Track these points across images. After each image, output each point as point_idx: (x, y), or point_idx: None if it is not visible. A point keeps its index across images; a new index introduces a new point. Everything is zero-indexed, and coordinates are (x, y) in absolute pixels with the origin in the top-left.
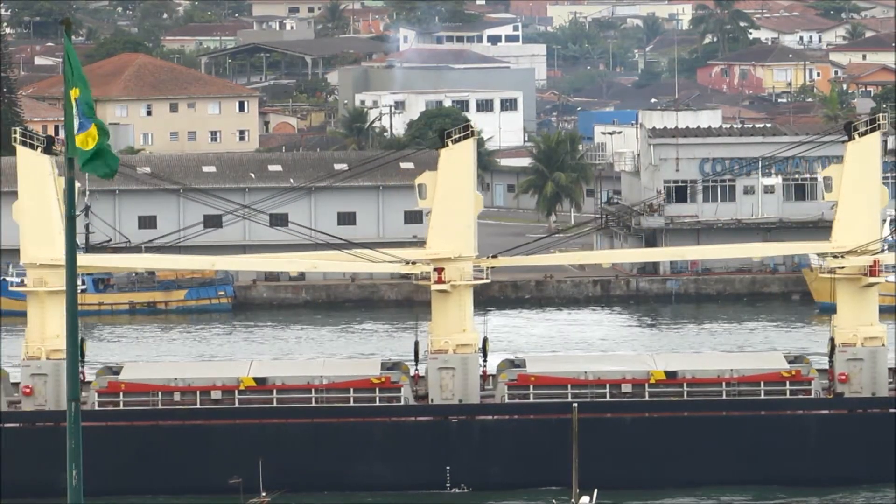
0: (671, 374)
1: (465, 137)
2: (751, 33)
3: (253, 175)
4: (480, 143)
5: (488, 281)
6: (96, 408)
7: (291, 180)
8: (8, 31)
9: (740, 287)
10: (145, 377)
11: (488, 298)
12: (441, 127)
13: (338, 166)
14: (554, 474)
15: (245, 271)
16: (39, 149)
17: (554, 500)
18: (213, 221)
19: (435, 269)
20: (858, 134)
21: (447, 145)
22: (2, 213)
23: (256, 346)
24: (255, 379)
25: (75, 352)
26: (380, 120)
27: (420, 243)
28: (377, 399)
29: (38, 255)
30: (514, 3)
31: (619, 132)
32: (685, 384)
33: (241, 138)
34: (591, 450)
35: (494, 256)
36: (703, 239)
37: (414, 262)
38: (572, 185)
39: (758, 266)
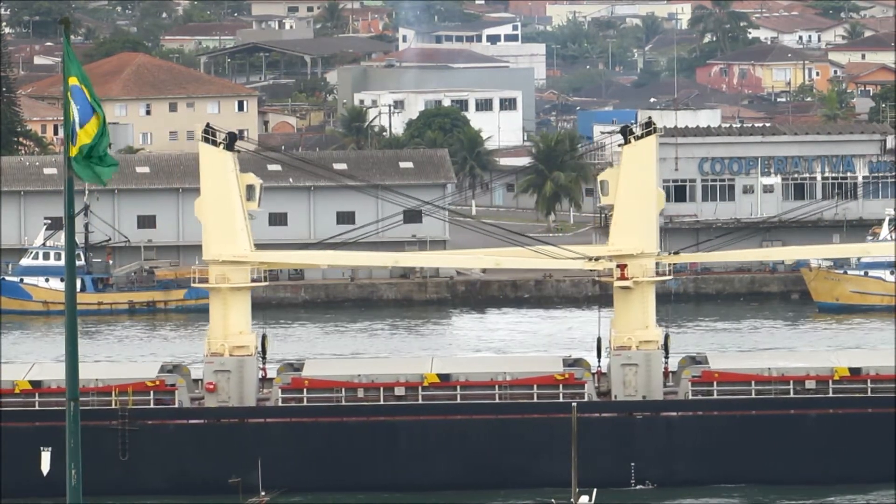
0: (855, 371)
1: (648, 134)
2: (750, 33)
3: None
4: (479, 142)
5: (671, 278)
6: (280, 404)
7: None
8: (7, 30)
9: (739, 286)
10: (328, 374)
11: (488, 298)
12: (624, 126)
13: (337, 166)
14: (739, 471)
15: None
16: (221, 145)
17: (553, 500)
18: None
19: (618, 266)
20: None
21: (630, 142)
22: (1, 213)
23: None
24: (439, 375)
25: (75, 351)
26: (379, 119)
27: (418, 243)
28: (560, 395)
29: (222, 251)
30: (513, 2)
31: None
32: (869, 380)
33: (240, 138)
34: (774, 447)
35: (676, 253)
36: (703, 239)
37: (597, 259)
38: (571, 185)
39: (757, 265)
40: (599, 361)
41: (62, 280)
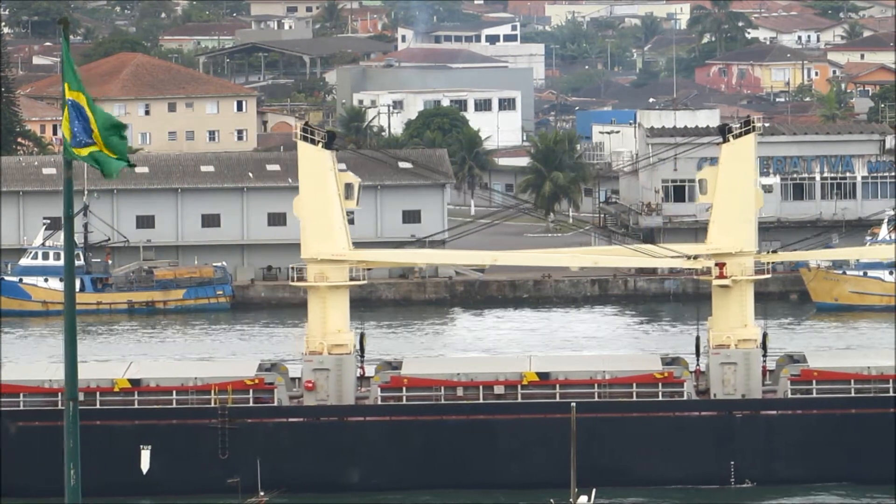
0: None
1: (747, 132)
2: (748, 33)
3: (251, 175)
4: (478, 142)
5: (769, 276)
6: (379, 402)
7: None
8: (6, 30)
9: None
10: (427, 372)
11: (487, 298)
12: (723, 125)
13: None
14: (839, 470)
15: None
16: (320, 144)
17: (552, 500)
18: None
19: (716, 264)
20: None
21: (728, 140)
22: (1, 213)
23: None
24: (538, 374)
25: (74, 352)
26: (377, 119)
27: (417, 243)
28: (660, 394)
29: (320, 250)
30: (512, 2)
31: (618, 132)
32: None
33: (240, 138)
34: (874, 445)
35: (775, 251)
36: (701, 238)
37: (695, 257)
38: (570, 185)
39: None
40: (698, 360)
41: (61, 280)
